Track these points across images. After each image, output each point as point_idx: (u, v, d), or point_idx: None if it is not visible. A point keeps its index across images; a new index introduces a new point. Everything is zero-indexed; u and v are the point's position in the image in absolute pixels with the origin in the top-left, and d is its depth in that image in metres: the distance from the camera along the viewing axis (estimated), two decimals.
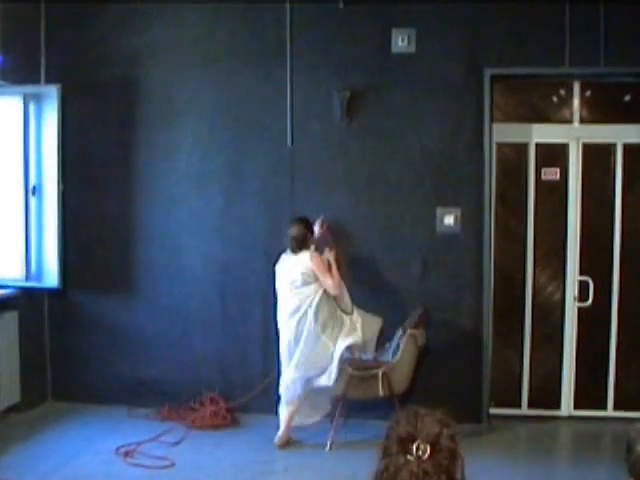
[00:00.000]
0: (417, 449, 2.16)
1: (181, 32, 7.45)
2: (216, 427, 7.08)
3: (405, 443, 2.20)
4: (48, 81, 7.45)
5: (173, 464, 6.16)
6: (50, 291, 7.47)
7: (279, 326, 6.80)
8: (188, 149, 7.46)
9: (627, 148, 7.38)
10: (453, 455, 2.22)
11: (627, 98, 7.49)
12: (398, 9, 7.22)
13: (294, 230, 6.77)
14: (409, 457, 2.17)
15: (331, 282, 6.61)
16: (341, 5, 7.18)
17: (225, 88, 7.41)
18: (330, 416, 6.74)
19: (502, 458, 6.55)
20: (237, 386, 7.36)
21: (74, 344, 7.62)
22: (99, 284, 7.63)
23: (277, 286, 6.81)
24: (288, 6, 7.28)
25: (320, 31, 7.32)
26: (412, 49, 7.22)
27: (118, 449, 6.40)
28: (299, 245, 6.72)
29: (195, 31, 7.44)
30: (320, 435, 6.71)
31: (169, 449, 6.52)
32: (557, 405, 7.60)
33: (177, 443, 6.67)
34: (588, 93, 7.47)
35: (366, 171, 7.11)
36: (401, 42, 7.21)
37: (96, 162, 7.59)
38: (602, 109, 7.52)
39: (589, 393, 7.57)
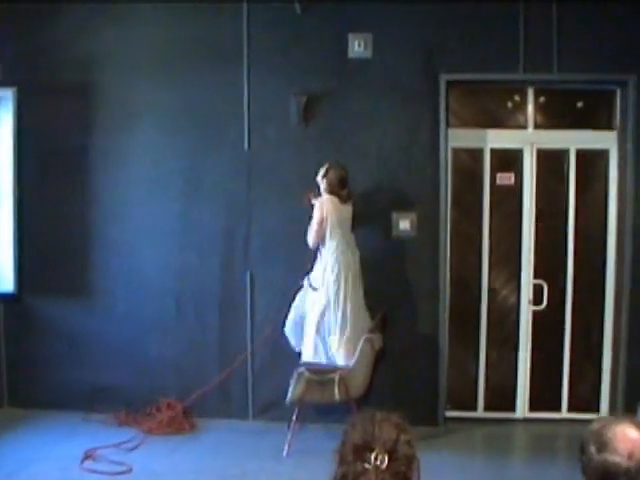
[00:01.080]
0: (375, 459, 2.18)
1: (138, 35, 7.42)
2: (173, 432, 7.06)
3: (362, 451, 2.22)
4: (4, 84, 7.39)
5: (130, 470, 6.11)
6: (6, 296, 7.42)
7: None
8: (145, 153, 7.43)
9: (580, 154, 7.48)
10: (410, 460, 2.26)
11: (580, 104, 7.61)
12: (355, 14, 7.25)
13: (342, 171, 6.82)
14: (367, 466, 2.19)
15: None
16: (298, 10, 7.20)
17: (182, 92, 7.37)
18: (288, 421, 6.73)
19: (458, 460, 6.58)
20: (194, 391, 7.29)
21: (30, 349, 7.55)
22: (55, 289, 7.57)
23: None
24: (245, 10, 7.29)
25: (277, 35, 7.32)
26: (369, 54, 7.26)
27: (74, 455, 6.35)
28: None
29: (152, 34, 7.41)
30: (278, 439, 6.70)
31: (126, 455, 6.46)
32: (512, 407, 7.67)
33: (134, 449, 6.62)
34: (542, 99, 7.57)
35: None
36: (358, 47, 7.24)
37: (53, 166, 7.52)
38: (556, 115, 7.63)
39: (544, 395, 7.66)
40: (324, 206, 6.72)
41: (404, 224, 7.23)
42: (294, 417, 6.68)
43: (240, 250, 7.34)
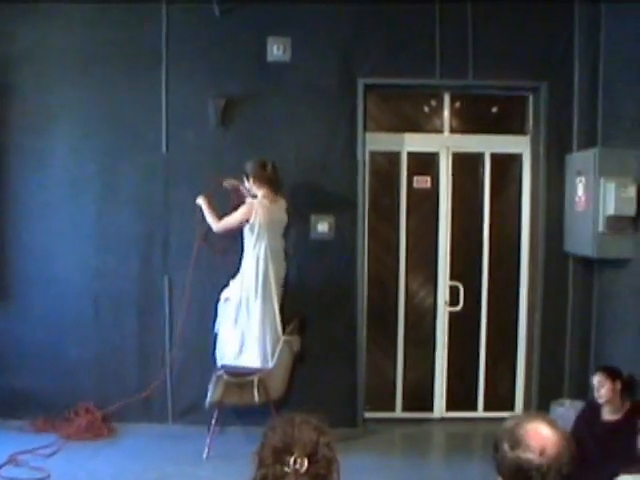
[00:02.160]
0: (294, 462, 2.20)
1: (55, 36, 7.29)
2: (92, 437, 6.99)
3: (281, 454, 2.24)
4: None
5: (49, 476, 6.02)
6: None
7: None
8: (62, 155, 7.32)
9: (494, 158, 7.64)
10: (330, 463, 2.28)
11: (494, 110, 7.76)
12: (274, 18, 7.27)
13: (260, 159, 6.79)
14: (286, 469, 2.21)
15: None
16: (217, 13, 7.19)
17: (100, 94, 7.28)
18: (207, 424, 6.72)
19: (377, 461, 6.66)
20: (113, 396, 7.25)
21: None
22: None
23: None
24: (164, 12, 7.25)
25: (196, 38, 7.29)
26: (287, 58, 7.29)
27: None
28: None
29: (70, 35, 7.30)
30: (197, 443, 6.69)
31: (44, 461, 6.38)
32: (430, 407, 7.79)
33: (52, 454, 6.55)
34: (458, 104, 7.70)
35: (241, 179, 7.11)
36: (276, 51, 7.26)
37: None
38: (471, 120, 7.78)
39: (460, 395, 7.81)
40: (248, 208, 6.66)
41: (322, 227, 7.28)
42: (213, 420, 6.69)
43: (158, 254, 7.30)
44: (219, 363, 6.81)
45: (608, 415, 5.27)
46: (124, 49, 7.27)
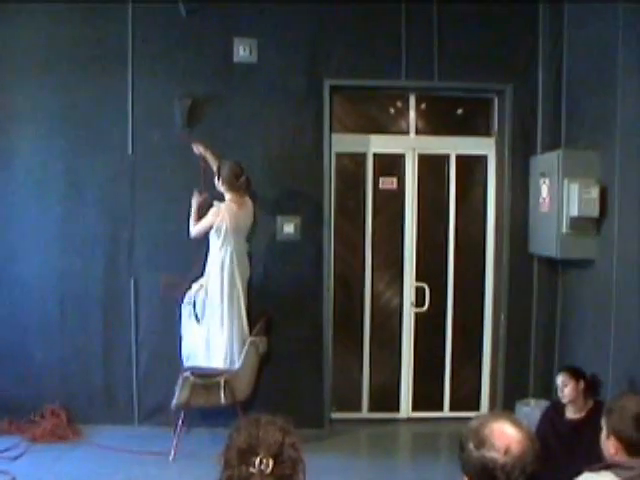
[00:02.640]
0: (260, 463, 2.20)
1: (19, 35, 7.24)
2: (57, 440, 6.93)
3: (247, 455, 2.24)
4: None
5: (14, 479, 5.98)
6: None
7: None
8: (26, 156, 7.26)
9: (460, 159, 7.69)
10: (295, 463, 2.29)
11: (460, 112, 7.81)
12: (240, 19, 7.27)
13: (233, 165, 6.79)
14: (252, 469, 2.21)
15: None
16: (183, 13, 7.17)
17: (65, 94, 7.24)
18: (173, 425, 6.70)
19: (344, 461, 6.67)
20: (79, 398, 7.22)
21: None
22: None
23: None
24: (130, 12, 7.22)
25: (162, 38, 7.27)
26: (254, 59, 7.29)
27: None
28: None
29: (34, 35, 7.25)
30: (163, 444, 6.67)
31: (9, 464, 6.31)
32: (396, 408, 7.82)
33: (17, 457, 6.49)
34: (423, 106, 7.75)
35: (208, 180, 7.01)
36: (243, 51, 7.26)
37: None
38: (436, 121, 7.83)
39: (426, 395, 7.85)
40: (215, 212, 6.66)
41: (288, 228, 7.29)
42: (180, 422, 6.67)
43: (124, 255, 7.26)
44: (185, 365, 6.77)
45: (572, 414, 5.33)
46: (89, 49, 7.22)
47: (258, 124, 7.30)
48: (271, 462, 2.23)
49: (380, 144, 7.64)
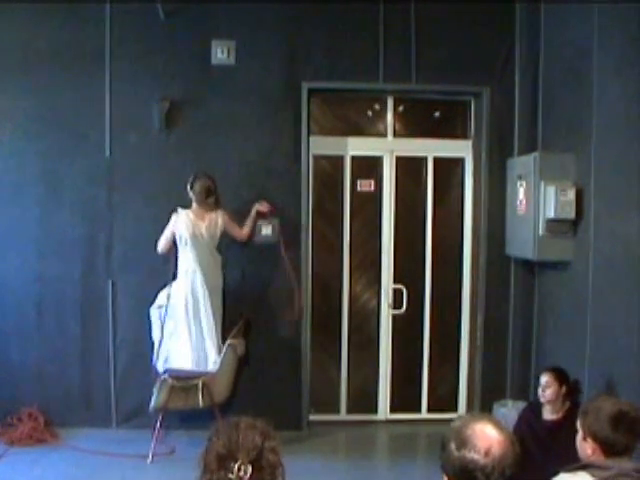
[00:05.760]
0: (239, 469, 2.20)
1: None
2: (35, 443, 6.89)
3: (225, 461, 2.23)
4: None
5: None
6: None
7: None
8: (3, 157, 7.21)
9: (437, 162, 7.73)
10: (274, 468, 2.28)
11: (437, 114, 7.85)
12: (218, 21, 7.27)
13: (207, 181, 6.84)
14: (230, 475, 2.20)
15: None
16: (162, 15, 7.15)
17: (43, 96, 7.19)
18: (152, 428, 6.69)
19: (322, 463, 6.69)
20: (56, 401, 7.17)
21: None
22: None
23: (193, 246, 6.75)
24: (108, 13, 7.19)
25: (140, 41, 7.24)
26: (232, 61, 7.29)
27: None
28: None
29: (12, 36, 7.19)
30: (142, 447, 6.66)
31: None
32: (374, 409, 7.85)
33: None
34: (401, 108, 7.78)
35: (185, 182, 7.01)
36: (221, 54, 7.26)
37: None
38: (414, 124, 7.87)
39: (404, 397, 7.87)
40: (174, 220, 6.76)
41: (266, 230, 7.28)
42: (158, 424, 6.65)
43: (102, 257, 7.23)
44: (158, 367, 6.78)
45: (549, 415, 5.36)
46: (67, 51, 7.20)
47: (236, 126, 7.30)
48: (250, 468, 2.23)
49: (358, 146, 7.67)
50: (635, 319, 5.33)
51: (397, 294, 7.70)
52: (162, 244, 6.81)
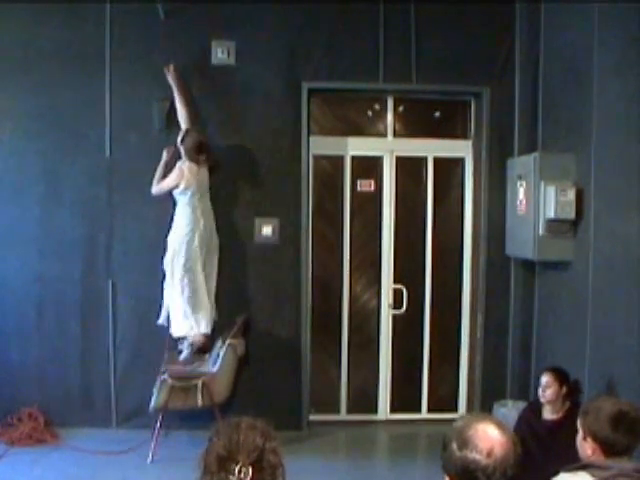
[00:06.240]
0: (239, 471, 2.18)
1: None
2: (35, 443, 6.89)
3: (226, 462, 2.22)
4: None
5: None
6: None
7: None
8: (4, 157, 7.20)
9: (437, 161, 7.73)
10: (275, 469, 2.27)
11: (437, 114, 7.85)
12: (218, 21, 7.26)
13: (199, 137, 6.88)
14: (231, 477, 2.19)
15: None
16: (162, 16, 7.15)
17: (43, 95, 7.19)
18: (152, 428, 6.68)
19: (322, 463, 6.69)
20: (56, 401, 7.17)
21: None
22: None
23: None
24: (108, 13, 7.19)
25: (141, 41, 7.24)
26: (232, 61, 7.29)
27: None
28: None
29: (12, 36, 7.19)
30: (142, 447, 6.66)
31: None
32: (374, 409, 7.84)
33: None
34: (401, 108, 7.78)
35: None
36: (221, 54, 7.26)
37: None
38: (414, 124, 7.87)
39: (404, 397, 7.87)
40: (183, 174, 6.76)
41: (267, 230, 7.29)
42: (158, 424, 6.65)
43: (102, 257, 7.23)
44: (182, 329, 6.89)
45: (549, 414, 5.36)
46: (67, 50, 7.19)
47: (236, 127, 7.30)
48: (250, 470, 2.22)
49: (358, 146, 7.67)
50: (635, 319, 5.33)
51: (397, 294, 7.70)
52: (161, 189, 6.85)
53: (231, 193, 7.24)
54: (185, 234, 6.74)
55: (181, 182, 6.72)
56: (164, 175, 6.87)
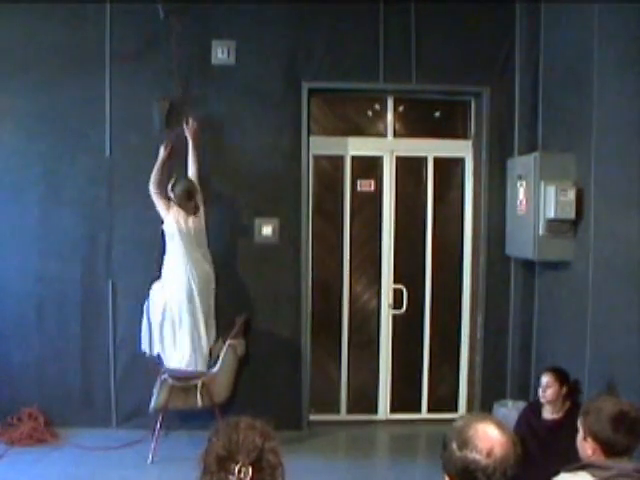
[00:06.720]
0: (239, 471, 2.18)
1: None
2: (35, 443, 6.89)
3: (226, 462, 2.22)
4: None
5: None
6: None
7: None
8: (4, 157, 7.20)
9: (437, 161, 7.73)
10: (274, 468, 2.26)
11: (437, 114, 7.85)
12: (218, 21, 7.27)
13: (188, 184, 6.80)
14: (230, 477, 2.19)
15: None
16: (162, 15, 7.14)
17: (43, 95, 7.19)
18: (152, 428, 6.68)
19: (322, 463, 6.68)
20: (56, 400, 7.17)
21: None
22: None
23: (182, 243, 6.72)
24: (108, 13, 7.19)
25: (140, 41, 7.24)
26: (232, 61, 7.29)
27: None
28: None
29: (12, 36, 7.19)
30: (142, 447, 6.68)
31: None
32: (374, 409, 7.84)
33: None
34: (401, 108, 7.78)
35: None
36: (221, 54, 7.26)
37: None
38: (414, 124, 7.86)
39: (404, 397, 7.87)
40: (171, 210, 6.74)
41: (267, 230, 7.29)
42: (158, 424, 6.65)
43: (102, 257, 7.23)
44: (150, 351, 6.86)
45: (549, 414, 5.36)
46: (67, 50, 7.19)
47: (236, 127, 7.30)
48: (250, 470, 2.21)
49: (358, 146, 7.67)
50: (635, 319, 5.33)
51: (397, 294, 7.70)
52: (153, 192, 6.81)
53: (231, 193, 7.23)
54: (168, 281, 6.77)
55: (168, 213, 6.71)
56: (161, 172, 6.84)
